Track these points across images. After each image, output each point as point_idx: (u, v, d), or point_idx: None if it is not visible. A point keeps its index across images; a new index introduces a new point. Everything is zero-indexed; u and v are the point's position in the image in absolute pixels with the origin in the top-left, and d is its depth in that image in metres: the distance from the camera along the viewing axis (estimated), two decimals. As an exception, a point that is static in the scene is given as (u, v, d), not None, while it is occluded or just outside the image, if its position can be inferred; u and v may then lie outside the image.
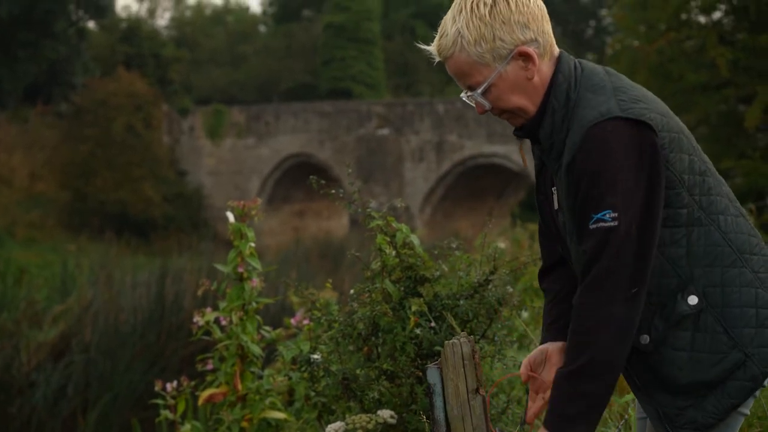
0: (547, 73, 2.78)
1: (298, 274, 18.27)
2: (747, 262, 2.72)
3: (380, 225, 4.25)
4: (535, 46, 2.74)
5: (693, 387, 2.70)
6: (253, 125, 43.06)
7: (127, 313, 14.40)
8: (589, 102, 2.69)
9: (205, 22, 62.84)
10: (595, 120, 2.62)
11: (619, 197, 2.59)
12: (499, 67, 2.73)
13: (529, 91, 2.77)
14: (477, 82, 2.77)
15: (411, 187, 38.42)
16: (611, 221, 2.59)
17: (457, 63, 2.78)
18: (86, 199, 39.97)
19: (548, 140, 2.77)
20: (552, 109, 2.74)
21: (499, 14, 2.71)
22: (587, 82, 2.75)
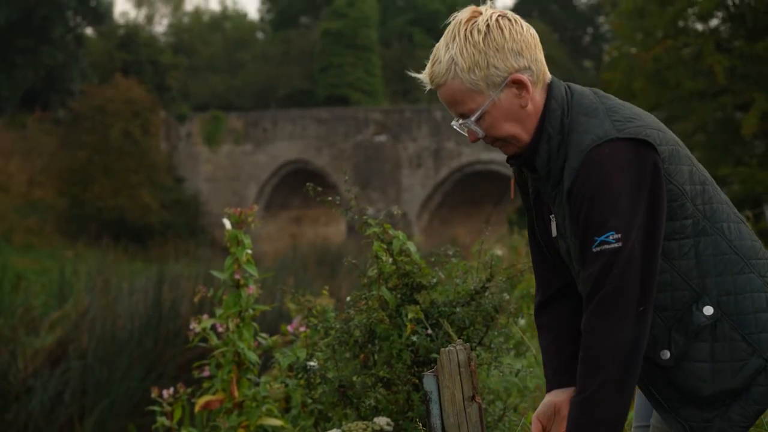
0: (540, 101, 2.76)
1: (295, 281, 18.29)
2: (754, 268, 2.73)
3: (377, 232, 4.26)
4: (529, 74, 2.73)
5: (717, 397, 2.69)
6: (251, 132, 43.08)
7: (124, 319, 14.38)
8: (583, 126, 2.69)
9: (203, 28, 62.87)
10: (593, 144, 2.63)
11: (621, 218, 2.59)
12: (493, 94, 2.72)
13: (523, 119, 2.75)
14: (470, 110, 2.75)
15: (408, 193, 38.43)
16: (615, 243, 2.59)
17: (449, 90, 2.76)
18: (84, 205, 39.93)
19: (545, 168, 2.75)
20: (548, 137, 2.73)
21: (493, 42, 2.70)
22: (578, 106, 2.75)
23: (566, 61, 54.72)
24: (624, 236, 2.58)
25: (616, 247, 2.58)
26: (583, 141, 2.65)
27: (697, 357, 2.69)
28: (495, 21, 2.74)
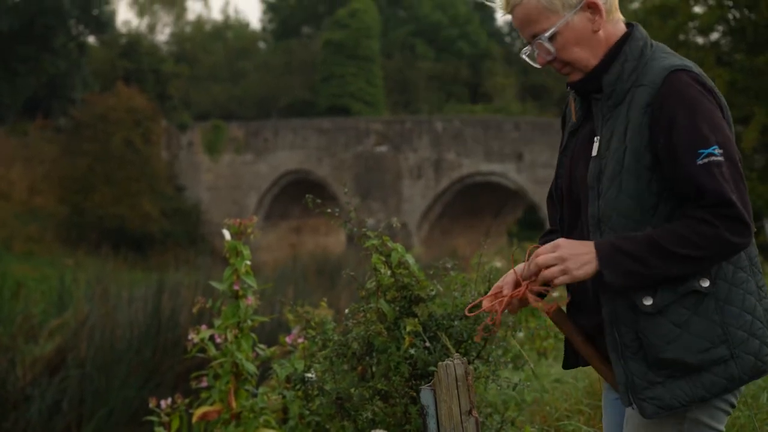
0: (612, 32, 2.88)
1: (294, 291, 18.29)
2: (754, 274, 2.80)
3: (376, 245, 4.26)
4: (603, 1, 2.84)
5: (672, 364, 2.72)
6: (252, 141, 43.11)
7: (123, 328, 14.39)
8: (666, 57, 2.81)
9: (205, 37, 62.92)
10: (678, 67, 2.75)
11: (721, 135, 2.69)
12: (568, 15, 2.83)
13: (593, 44, 2.86)
14: (543, 29, 2.85)
15: (409, 204, 38.44)
16: (720, 156, 2.67)
17: (526, 9, 2.85)
18: (84, 213, 39.95)
19: (610, 87, 2.84)
20: (624, 58, 2.84)
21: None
22: (663, 48, 2.89)
23: (567, 74, 54.82)
24: (726, 152, 2.68)
25: (721, 161, 2.67)
26: (668, 64, 2.76)
27: (673, 319, 2.72)
28: None
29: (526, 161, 35.56)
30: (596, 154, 2.85)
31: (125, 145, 41.16)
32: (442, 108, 50.27)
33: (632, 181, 2.74)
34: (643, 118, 2.73)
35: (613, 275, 2.69)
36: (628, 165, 2.74)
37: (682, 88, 2.71)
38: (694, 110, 2.68)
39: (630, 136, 2.75)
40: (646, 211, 2.74)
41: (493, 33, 59.97)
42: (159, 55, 50.66)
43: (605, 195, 2.78)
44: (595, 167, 2.83)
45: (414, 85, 52.33)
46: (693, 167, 2.66)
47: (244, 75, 55.61)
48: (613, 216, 2.76)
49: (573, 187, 2.95)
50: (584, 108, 2.98)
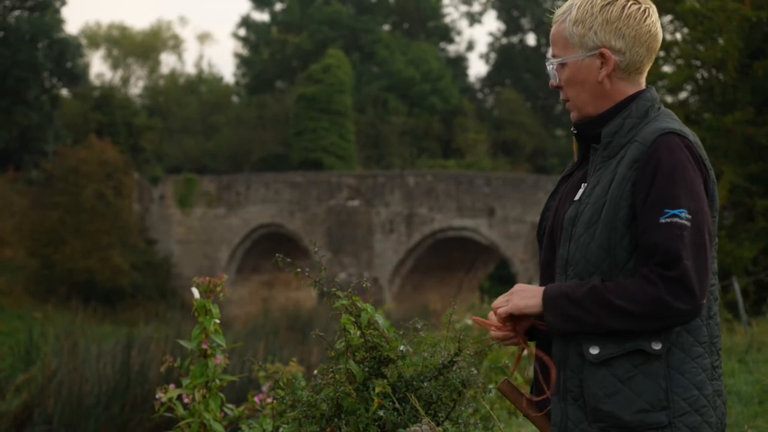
0: (624, 90, 2.95)
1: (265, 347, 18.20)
2: (711, 353, 2.79)
3: (345, 305, 4.26)
4: (620, 58, 2.92)
5: (607, 418, 2.72)
6: (224, 195, 43.07)
7: (92, 383, 14.25)
8: (666, 121, 2.86)
9: (179, 91, 63.03)
10: (672, 130, 2.80)
11: (694, 201, 2.72)
12: (580, 54, 2.93)
13: (594, 92, 2.95)
14: (559, 55, 2.98)
15: (381, 258, 38.43)
16: (685, 220, 2.69)
17: (556, 30, 2.99)
18: (54, 266, 39.67)
19: (608, 138, 2.90)
20: (628, 113, 2.90)
21: (607, 13, 2.91)
22: (667, 114, 2.94)
23: (539, 130, 55.24)
24: (694, 218, 2.70)
25: (686, 225, 2.69)
26: (664, 126, 2.81)
27: (617, 373, 2.73)
28: (628, 2, 2.94)
29: (497, 216, 35.70)
30: (578, 198, 2.90)
31: (97, 198, 41.00)
32: (415, 163, 50.47)
33: (606, 232, 2.76)
34: (628, 173, 2.77)
35: (552, 317, 2.76)
36: (605, 216, 2.77)
37: (671, 150, 2.75)
38: (675, 172, 2.72)
39: (613, 188, 2.78)
40: (615, 265, 2.75)
41: (465, 89, 60.44)
42: (132, 108, 50.69)
43: (577, 240, 2.81)
44: (572, 211, 2.87)
45: (386, 139, 52.53)
46: (654, 223, 2.69)
47: (217, 129, 55.65)
48: (581, 262, 2.79)
49: (555, 228, 2.99)
50: (581, 154, 3.05)
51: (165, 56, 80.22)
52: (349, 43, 55.84)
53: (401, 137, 52.76)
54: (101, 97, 48.99)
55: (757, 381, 9.51)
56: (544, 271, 3.01)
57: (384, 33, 58.09)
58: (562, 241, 2.87)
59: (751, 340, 12.19)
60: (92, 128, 45.36)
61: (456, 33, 64.48)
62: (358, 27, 56.52)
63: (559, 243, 2.89)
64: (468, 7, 64.34)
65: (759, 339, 12.39)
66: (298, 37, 56.15)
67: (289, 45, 56.44)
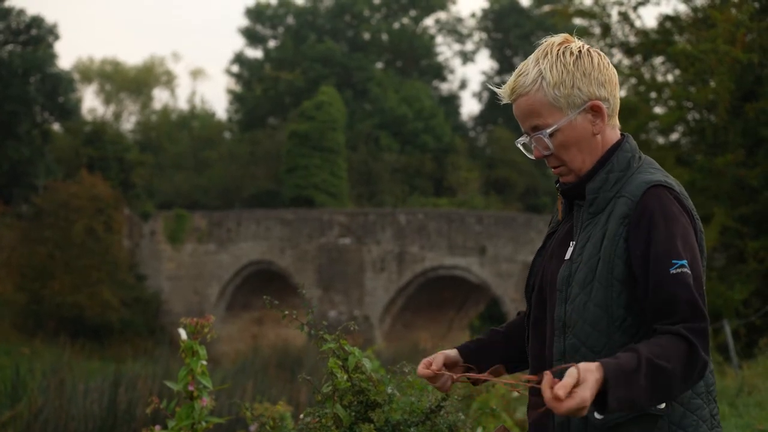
0: (609, 137, 2.93)
1: (254, 385, 18.08)
2: (709, 402, 2.77)
3: (333, 348, 4.22)
4: (607, 106, 2.90)
5: None
6: (215, 231, 43.02)
7: (78, 421, 14.14)
8: (651, 173, 2.83)
9: (171, 127, 63.12)
10: (659, 182, 2.77)
11: (691, 254, 2.69)
12: (571, 114, 2.86)
13: (591, 147, 2.90)
14: (546, 124, 2.88)
15: (371, 296, 38.36)
16: (689, 270, 2.66)
17: (530, 101, 2.88)
18: (42, 301, 39.49)
19: (593, 195, 2.86)
20: (610, 167, 2.86)
21: (582, 66, 2.86)
22: (650, 163, 2.91)
23: (531, 169, 55.35)
24: (694, 272, 2.66)
25: (690, 275, 2.65)
26: (647, 179, 2.78)
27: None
28: (586, 50, 2.91)
29: (489, 255, 35.68)
30: (569, 257, 2.85)
31: (87, 233, 40.90)
32: (406, 201, 50.51)
33: (602, 290, 2.72)
34: (619, 229, 2.73)
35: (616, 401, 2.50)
36: (600, 274, 2.73)
37: (662, 202, 2.73)
38: (671, 225, 2.69)
39: (605, 245, 2.74)
40: (612, 323, 2.71)
41: (458, 127, 60.63)
42: (124, 143, 50.65)
43: (573, 301, 2.76)
44: (565, 271, 2.82)
45: (378, 177, 52.59)
46: (666, 275, 2.64)
47: (208, 164, 55.71)
48: (579, 323, 2.74)
49: (543, 285, 2.94)
50: (566, 210, 3.01)
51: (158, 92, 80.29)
52: (341, 80, 56.05)
53: (393, 175, 52.85)
54: (93, 132, 48.97)
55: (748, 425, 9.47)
56: (534, 329, 2.97)
57: (377, 71, 58.33)
58: (557, 302, 2.82)
59: (741, 384, 12.14)
60: (83, 163, 45.32)
61: (449, 71, 64.77)
62: (351, 64, 56.76)
63: (553, 302, 2.85)
64: (461, 46, 64.75)
65: (750, 382, 12.33)
66: (291, 74, 56.35)
67: (282, 82, 56.62)
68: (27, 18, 46.51)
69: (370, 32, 60.59)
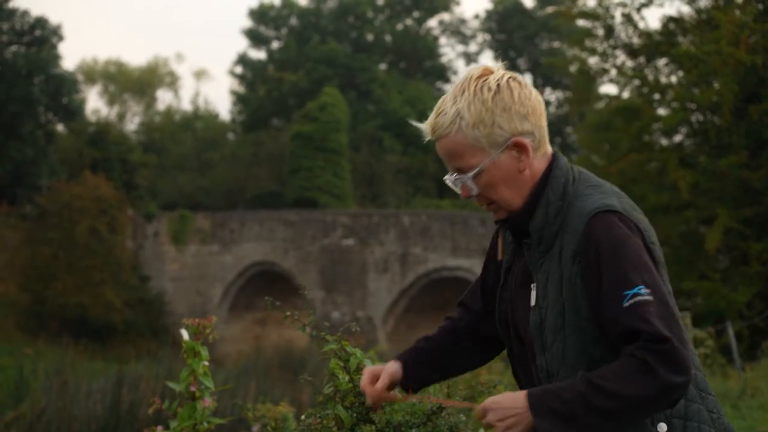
0: (538, 168, 2.78)
1: (257, 386, 18.09)
2: (704, 401, 2.70)
3: (334, 349, 4.22)
4: (531, 139, 2.75)
5: None
6: (218, 232, 43.05)
7: (81, 422, 14.15)
8: (589, 196, 2.70)
9: (174, 127, 63.14)
10: (599, 209, 2.64)
11: (647, 273, 2.57)
12: (494, 153, 2.73)
13: (519, 183, 2.77)
14: (469, 166, 2.76)
15: (374, 298, 38.36)
16: (647, 295, 2.53)
17: (451, 143, 2.77)
18: (46, 302, 39.54)
19: (538, 232, 2.74)
20: (547, 201, 2.74)
21: (501, 101, 2.72)
22: (586, 179, 2.78)
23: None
24: (654, 292, 2.54)
25: (649, 300, 2.53)
26: (590, 206, 2.65)
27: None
28: (506, 81, 2.76)
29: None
30: (534, 303, 2.76)
31: (90, 234, 40.93)
32: (410, 202, 50.47)
33: (574, 335, 2.65)
34: (573, 268, 2.64)
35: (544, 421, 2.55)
36: (569, 320, 2.65)
37: (605, 230, 2.61)
38: (617, 253, 2.57)
39: (565, 288, 2.65)
40: (593, 362, 2.63)
41: (461, 129, 60.56)
42: (127, 144, 50.71)
43: (551, 349, 2.70)
44: (535, 318, 2.74)
45: (381, 178, 52.57)
46: (620, 310, 2.54)
47: (211, 165, 55.74)
48: (561, 369, 2.68)
49: (517, 324, 2.87)
50: (515, 245, 2.90)
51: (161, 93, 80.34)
52: (345, 81, 56.07)
53: (396, 176, 52.81)
54: (96, 133, 49.02)
55: (751, 427, 9.46)
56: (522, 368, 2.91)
57: (380, 72, 58.35)
58: (537, 350, 2.75)
59: (744, 386, 12.13)
60: (87, 164, 45.36)
61: (452, 73, 64.78)
62: (354, 66, 56.77)
63: (531, 346, 2.78)
64: (464, 47, 64.73)
65: (753, 384, 12.32)
66: (295, 75, 56.37)
67: (286, 83, 56.65)
68: (31, 19, 46.57)
69: (374, 33, 60.60)
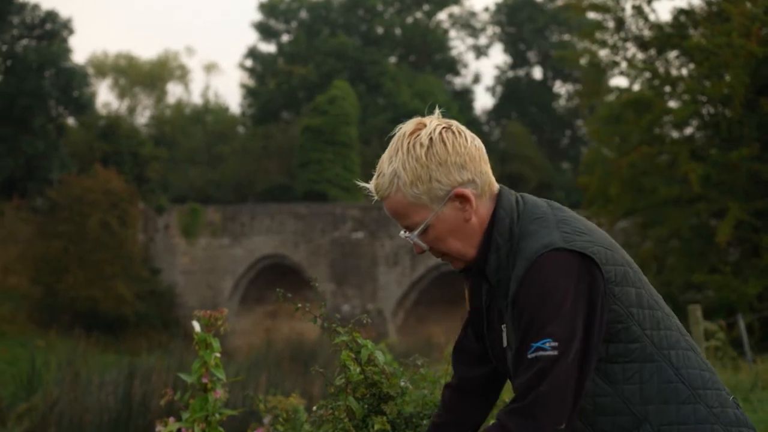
0: (485, 213, 2.74)
1: (268, 378, 18.13)
2: (701, 398, 2.65)
3: (345, 341, 4.23)
4: (473, 188, 2.71)
5: None
6: (229, 225, 43.09)
7: (93, 413, 14.20)
8: (532, 234, 2.63)
9: (185, 121, 63.19)
10: (538, 252, 2.56)
11: (561, 326, 2.49)
12: (436, 208, 2.69)
13: (468, 233, 2.73)
14: (414, 223, 2.73)
15: (384, 291, 38.38)
16: (551, 350, 2.50)
17: (393, 203, 2.74)
18: (57, 294, 39.65)
19: (495, 276, 2.70)
20: (496, 246, 2.69)
21: (435, 155, 2.68)
22: (530, 215, 2.72)
23: (545, 163, 55.28)
24: (561, 344, 2.49)
25: (552, 355, 2.50)
26: (531, 248, 2.58)
27: None
28: (438, 134, 2.72)
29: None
30: (507, 344, 2.75)
31: (101, 227, 41.02)
32: (419, 195, 50.42)
33: None
34: (512, 312, 2.63)
35: None
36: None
37: (536, 277, 2.54)
38: (541, 300, 2.52)
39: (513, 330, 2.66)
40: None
41: (471, 122, 60.54)
42: (138, 137, 50.76)
43: None
44: (508, 357, 2.74)
45: (392, 171, 52.50)
46: (524, 361, 2.54)
47: (222, 159, 55.79)
48: None
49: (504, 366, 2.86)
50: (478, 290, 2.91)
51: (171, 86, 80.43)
52: (355, 74, 56.06)
53: (406, 168, 52.74)
54: (107, 126, 49.10)
55: (762, 420, 9.43)
56: None
57: (390, 65, 58.32)
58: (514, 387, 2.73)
59: (756, 378, 12.08)
60: (98, 157, 45.45)
61: (462, 66, 64.72)
62: (364, 59, 56.74)
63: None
64: (474, 40, 64.67)
65: (764, 377, 12.27)
66: (305, 69, 56.38)
67: (295, 76, 56.65)
68: (42, 13, 46.64)
69: (384, 26, 60.57)
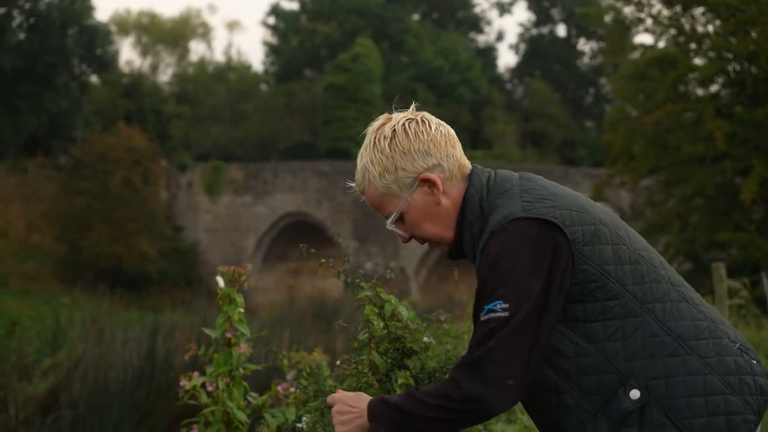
0: (458, 194, 2.84)
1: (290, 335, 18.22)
2: (692, 349, 2.61)
3: (369, 296, 4.24)
4: (440, 171, 2.82)
5: None
6: (251, 183, 43.17)
7: (117, 369, 14.27)
8: (497, 208, 2.72)
9: (207, 79, 63.11)
10: (499, 223, 2.65)
11: (513, 289, 2.57)
12: (406, 195, 2.82)
13: (442, 216, 2.84)
14: (390, 213, 2.87)
15: (406, 249, 38.40)
16: (501, 312, 2.56)
17: (369, 196, 2.90)
18: (81, 252, 39.92)
19: (472, 254, 2.81)
20: (468, 223, 2.80)
21: (398, 146, 2.83)
22: (498, 190, 2.80)
23: (568, 121, 55.00)
24: (512, 306, 2.56)
25: (503, 316, 2.56)
26: (493, 221, 2.68)
27: None
28: (401, 125, 2.90)
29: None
30: None
31: (124, 185, 41.20)
32: (442, 153, 50.34)
33: None
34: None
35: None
36: None
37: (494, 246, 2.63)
38: (495, 265, 2.61)
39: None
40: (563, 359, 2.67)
41: (494, 80, 60.28)
42: (161, 95, 50.82)
43: None
44: None
45: (415, 129, 52.42)
46: (478, 324, 2.63)
47: (245, 116, 55.76)
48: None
49: None
50: None
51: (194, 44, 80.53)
52: (378, 32, 55.78)
53: (429, 126, 52.65)
54: (130, 84, 49.17)
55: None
56: None
57: (413, 22, 58.00)
58: None
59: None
60: (121, 115, 45.55)
61: (486, 23, 64.34)
62: (387, 16, 56.47)
63: None
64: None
65: (787, 335, 12.27)
66: (327, 26, 56.15)
67: (318, 34, 56.44)
68: (64, -30, 46.60)
69: (407, -17, 60.21)
